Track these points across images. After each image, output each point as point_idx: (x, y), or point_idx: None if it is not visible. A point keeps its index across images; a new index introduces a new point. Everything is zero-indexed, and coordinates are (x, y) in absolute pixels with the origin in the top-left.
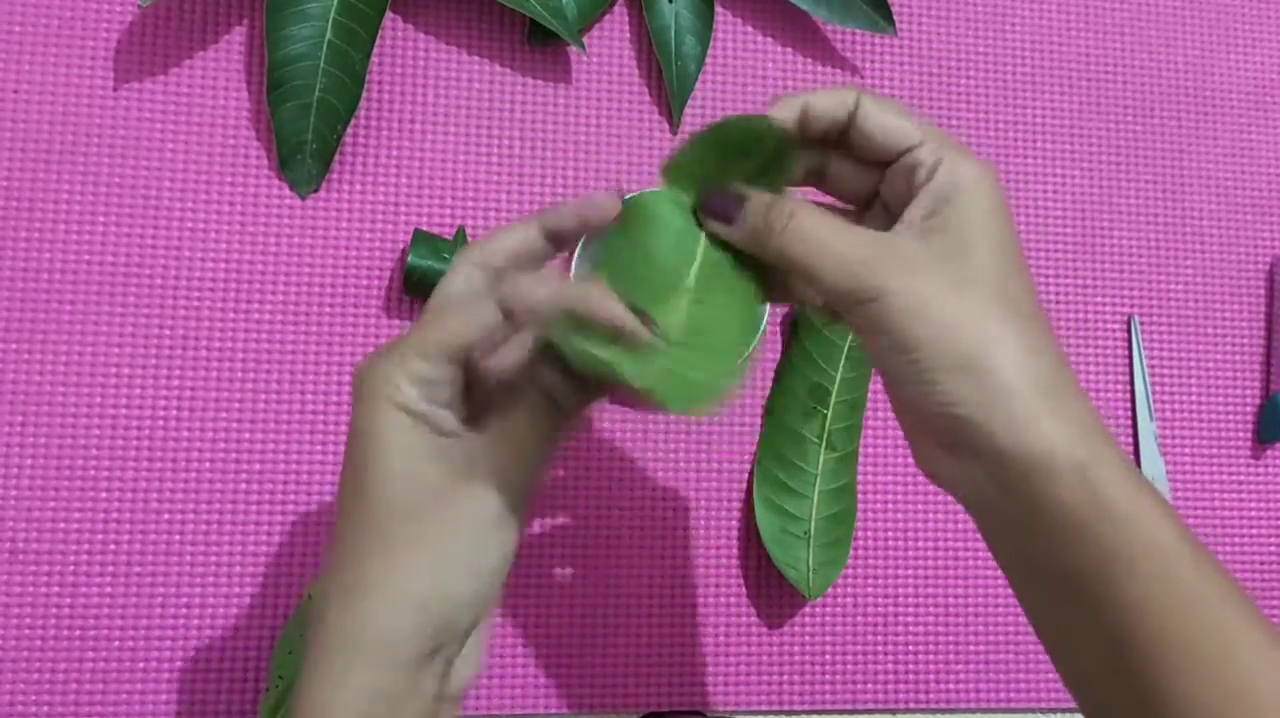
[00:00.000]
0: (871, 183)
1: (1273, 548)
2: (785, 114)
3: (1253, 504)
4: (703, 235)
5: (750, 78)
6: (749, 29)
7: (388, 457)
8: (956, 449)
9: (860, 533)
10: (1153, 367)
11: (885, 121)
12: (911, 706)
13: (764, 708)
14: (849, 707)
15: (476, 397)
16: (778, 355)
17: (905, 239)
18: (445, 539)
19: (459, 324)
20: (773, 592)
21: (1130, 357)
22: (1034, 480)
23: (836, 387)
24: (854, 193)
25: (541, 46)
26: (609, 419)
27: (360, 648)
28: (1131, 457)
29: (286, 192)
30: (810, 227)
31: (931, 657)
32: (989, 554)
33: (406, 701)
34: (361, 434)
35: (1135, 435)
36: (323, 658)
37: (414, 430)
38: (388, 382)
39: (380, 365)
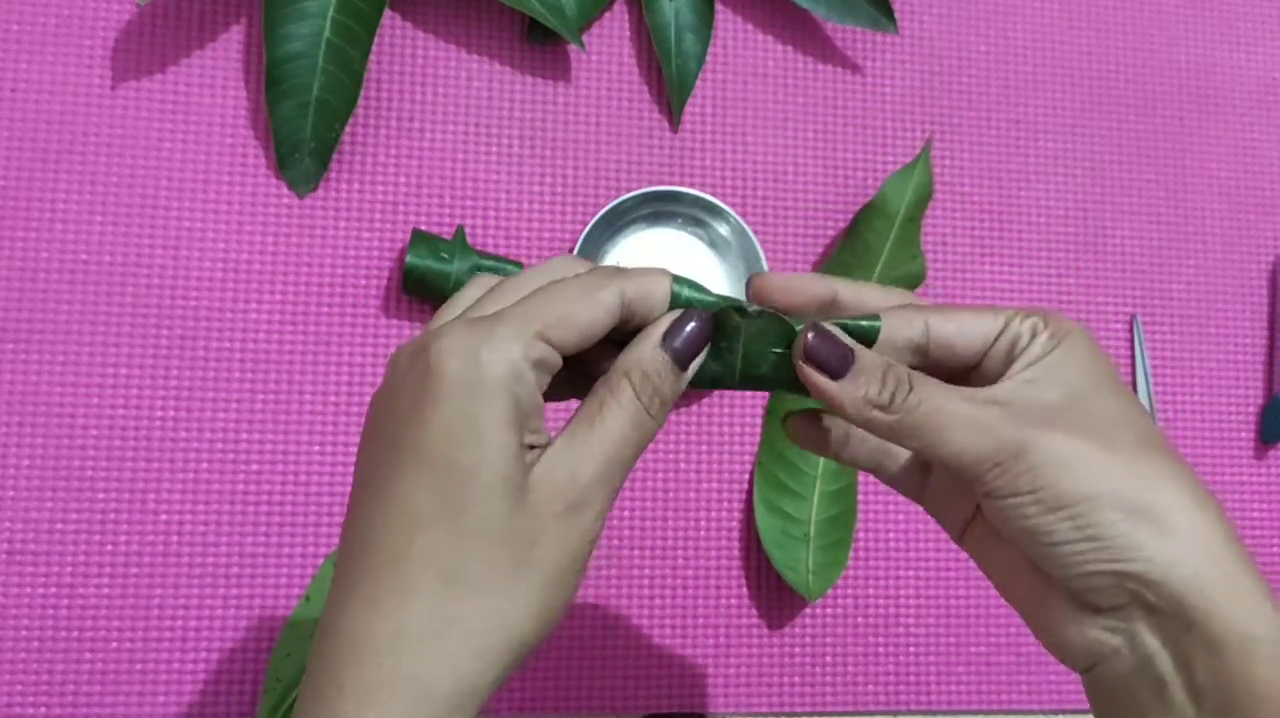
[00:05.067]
0: None
1: (1276, 549)
2: (910, 333)
3: (1255, 505)
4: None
5: (751, 76)
6: (749, 27)
7: (494, 461)
8: (1116, 609)
9: (860, 535)
10: (1155, 367)
11: (958, 326)
12: (912, 707)
13: (764, 710)
14: (850, 709)
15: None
16: None
17: (1028, 389)
18: (548, 565)
19: (585, 306)
20: (773, 593)
21: (1133, 357)
22: (1226, 651)
23: None
24: None
25: (541, 45)
26: None
27: (431, 703)
28: None
29: (285, 191)
30: (935, 396)
31: (932, 658)
32: None
33: None
34: (451, 425)
35: None
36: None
37: (517, 432)
38: (500, 362)
39: (489, 341)
